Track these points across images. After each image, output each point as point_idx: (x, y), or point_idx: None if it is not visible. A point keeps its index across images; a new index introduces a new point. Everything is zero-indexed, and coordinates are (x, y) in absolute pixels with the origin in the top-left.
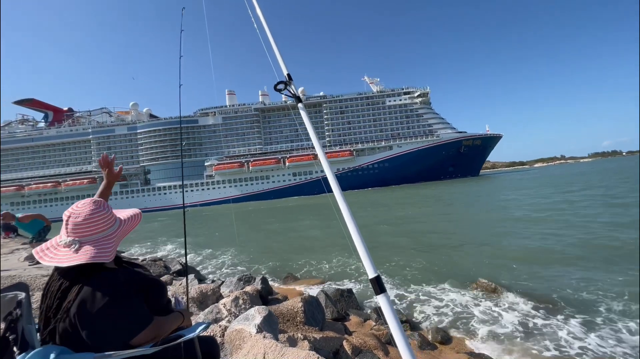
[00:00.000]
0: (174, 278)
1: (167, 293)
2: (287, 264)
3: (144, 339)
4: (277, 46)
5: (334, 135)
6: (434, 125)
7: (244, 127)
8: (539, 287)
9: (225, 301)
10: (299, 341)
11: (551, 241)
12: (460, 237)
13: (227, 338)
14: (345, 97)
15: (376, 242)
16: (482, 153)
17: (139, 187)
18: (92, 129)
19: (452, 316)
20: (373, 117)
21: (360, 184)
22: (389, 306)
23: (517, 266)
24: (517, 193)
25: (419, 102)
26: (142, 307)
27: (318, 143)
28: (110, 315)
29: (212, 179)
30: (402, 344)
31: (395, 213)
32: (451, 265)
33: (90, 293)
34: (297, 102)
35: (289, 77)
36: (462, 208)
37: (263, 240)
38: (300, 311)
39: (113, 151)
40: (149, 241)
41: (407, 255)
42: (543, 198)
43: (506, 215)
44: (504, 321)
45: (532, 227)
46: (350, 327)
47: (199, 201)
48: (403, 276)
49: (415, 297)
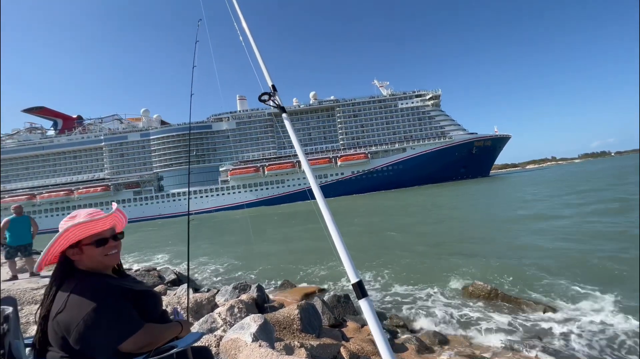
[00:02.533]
0: (168, 287)
1: (162, 303)
2: (283, 271)
3: (135, 346)
4: (262, 58)
5: (347, 138)
6: (445, 127)
7: (258, 132)
8: (538, 291)
9: (221, 310)
10: (296, 348)
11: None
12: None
13: (222, 347)
14: (358, 101)
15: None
16: (492, 154)
17: (153, 194)
18: (104, 136)
19: (450, 319)
20: (386, 120)
21: (375, 186)
22: (371, 310)
23: (523, 270)
24: (545, 188)
25: (431, 104)
26: (131, 312)
27: (301, 151)
28: (98, 319)
29: (227, 184)
30: (383, 347)
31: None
32: (450, 268)
33: (77, 298)
34: (281, 112)
35: (273, 88)
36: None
37: (262, 246)
38: (297, 319)
39: (126, 158)
40: (146, 250)
41: (410, 257)
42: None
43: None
44: (501, 324)
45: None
46: (348, 333)
47: (214, 207)
48: (402, 279)
49: (412, 300)
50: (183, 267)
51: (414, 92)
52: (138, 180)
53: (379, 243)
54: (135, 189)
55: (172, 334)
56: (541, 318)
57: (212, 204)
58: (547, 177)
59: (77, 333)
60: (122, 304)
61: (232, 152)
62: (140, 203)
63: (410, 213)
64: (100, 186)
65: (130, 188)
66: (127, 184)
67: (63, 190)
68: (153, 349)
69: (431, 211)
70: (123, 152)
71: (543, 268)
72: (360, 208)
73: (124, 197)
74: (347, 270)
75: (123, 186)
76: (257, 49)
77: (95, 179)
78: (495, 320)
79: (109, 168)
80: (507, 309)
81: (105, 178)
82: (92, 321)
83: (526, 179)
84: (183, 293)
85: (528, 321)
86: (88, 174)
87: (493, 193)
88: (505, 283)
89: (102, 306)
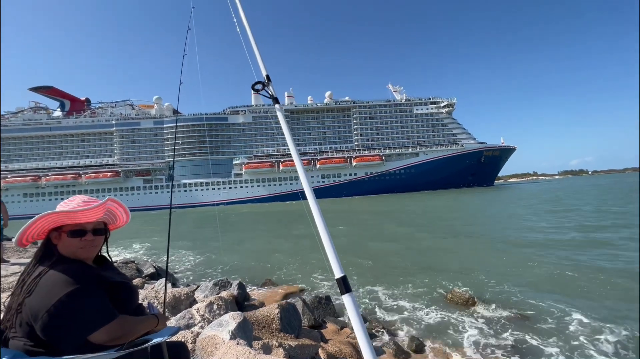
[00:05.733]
0: (146, 281)
1: (138, 296)
2: (267, 269)
3: (108, 337)
4: (257, 46)
5: (362, 139)
6: (457, 135)
7: (274, 127)
8: (520, 300)
9: (199, 306)
10: (274, 348)
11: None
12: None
13: (198, 344)
14: (375, 104)
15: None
16: (497, 164)
17: (164, 183)
18: (115, 121)
19: (428, 325)
20: (401, 124)
21: (388, 189)
22: (354, 306)
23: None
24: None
25: (445, 112)
26: (105, 301)
27: (293, 145)
28: (67, 306)
29: (241, 177)
30: (364, 343)
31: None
32: (434, 274)
33: (48, 282)
34: (274, 103)
35: (267, 77)
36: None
37: (248, 243)
38: (277, 318)
39: (137, 144)
40: (126, 240)
41: (396, 263)
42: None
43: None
44: (478, 332)
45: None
46: (327, 335)
47: (225, 200)
48: (383, 284)
49: (393, 305)
50: (162, 261)
51: (429, 98)
52: (149, 168)
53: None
54: (145, 177)
55: (147, 327)
56: (520, 326)
57: (224, 197)
58: (545, 189)
59: (43, 321)
60: (96, 293)
61: (247, 146)
62: (150, 191)
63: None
64: (111, 171)
65: (141, 175)
66: (138, 171)
67: (70, 173)
68: (127, 342)
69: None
70: (135, 139)
71: (528, 282)
72: (379, 208)
73: (133, 185)
74: (332, 265)
75: (133, 173)
76: (252, 36)
77: (104, 164)
78: (471, 326)
79: (118, 154)
80: (483, 317)
81: (115, 164)
82: (62, 308)
83: (530, 190)
84: (161, 287)
85: (506, 328)
86: (96, 159)
87: (515, 204)
88: (485, 291)
89: (73, 293)
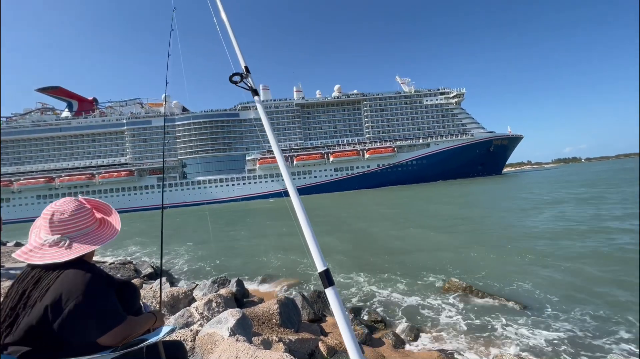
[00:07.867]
0: (144, 281)
1: (140, 296)
2: (265, 265)
3: (115, 338)
4: (235, 37)
5: (374, 132)
6: (467, 125)
7: (285, 122)
8: (515, 289)
9: (198, 304)
10: (274, 343)
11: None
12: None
13: (198, 342)
14: (385, 96)
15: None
16: (505, 153)
17: (177, 181)
18: (126, 120)
19: (425, 315)
20: (411, 116)
21: (400, 180)
22: (337, 299)
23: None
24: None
25: (454, 102)
26: (117, 303)
27: (273, 138)
28: (89, 306)
29: (254, 173)
30: (348, 337)
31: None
32: (428, 267)
33: (68, 283)
34: (253, 94)
35: (246, 69)
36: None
37: (244, 240)
38: (276, 313)
39: (149, 143)
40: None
41: (393, 256)
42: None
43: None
44: (475, 320)
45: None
46: (327, 328)
47: (239, 196)
48: (382, 276)
49: (389, 296)
50: (164, 260)
51: (438, 89)
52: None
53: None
54: (158, 175)
55: (147, 326)
56: (516, 315)
57: (238, 193)
58: (553, 178)
59: (63, 318)
60: (112, 293)
61: (259, 141)
62: (164, 189)
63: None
64: (125, 171)
65: (154, 174)
66: (151, 170)
67: (84, 173)
68: (123, 343)
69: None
70: (146, 137)
71: (526, 271)
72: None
73: (147, 183)
74: (314, 259)
75: (147, 172)
76: (230, 27)
77: (117, 164)
78: (468, 316)
79: (131, 153)
80: (480, 306)
81: (128, 163)
82: (83, 307)
83: (543, 177)
84: (159, 286)
85: (501, 317)
86: (108, 158)
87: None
88: (482, 281)
89: (94, 293)
